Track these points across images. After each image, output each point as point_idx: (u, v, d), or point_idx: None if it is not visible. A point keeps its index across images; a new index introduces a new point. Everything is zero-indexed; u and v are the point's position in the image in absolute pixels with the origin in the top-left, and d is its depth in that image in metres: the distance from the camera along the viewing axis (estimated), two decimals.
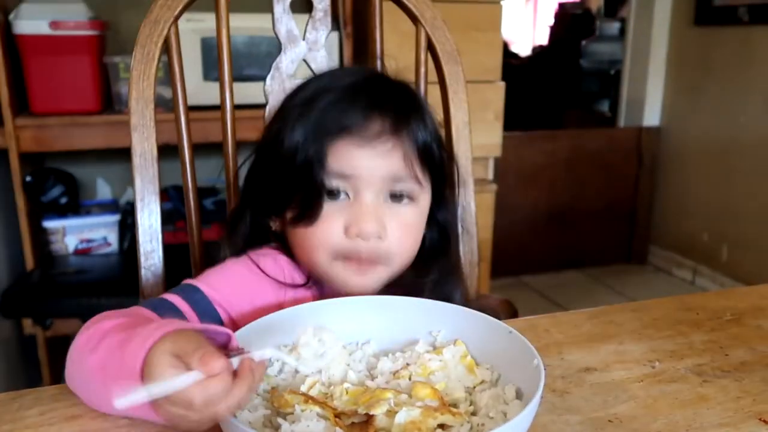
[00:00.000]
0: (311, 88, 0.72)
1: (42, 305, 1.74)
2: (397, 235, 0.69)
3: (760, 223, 2.62)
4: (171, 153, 0.92)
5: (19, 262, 1.88)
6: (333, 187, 0.68)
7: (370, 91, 0.70)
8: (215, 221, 1.90)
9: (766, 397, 0.59)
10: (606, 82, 4.05)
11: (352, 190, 0.68)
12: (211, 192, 2.14)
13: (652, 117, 3.12)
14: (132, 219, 1.90)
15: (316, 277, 0.72)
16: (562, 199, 3.05)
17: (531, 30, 6.77)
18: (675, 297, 0.81)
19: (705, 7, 2.79)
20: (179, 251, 0.97)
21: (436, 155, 0.72)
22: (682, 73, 2.99)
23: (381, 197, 0.69)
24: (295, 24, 0.90)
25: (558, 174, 3.02)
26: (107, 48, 1.89)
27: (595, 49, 4.40)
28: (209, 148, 1.50)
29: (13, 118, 1.70)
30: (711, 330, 0.72)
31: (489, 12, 2.06)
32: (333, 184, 0.68)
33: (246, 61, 1.85)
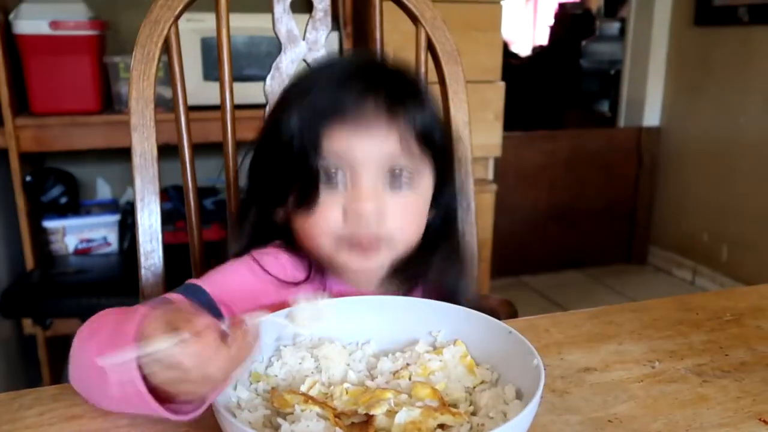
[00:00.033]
0: (308, 75, 0.72)
1: (42, 305, 1.74)
2: (397, 219, 0.68)
3: (760, 223, 2.62)
4: (171, 153, 0.92)
5: (19, 262, 1.88)
6: (330, 172, 0.67)
7: (364, 75, 0.69)
8: (215, 221, 1.91)
9: (766, 397, 0.59)
10: (606, 82, 4.05)
11: (349, 174, 0.67)
12: (211, 192, 2.14)
13: (652, 117, 3.12)
14: (132, 219, 1.90)
15: (321, 266, 0.72)
16: (562, 199, 3.05)
17: (531, 30, 6.77)
18: (675, 297, 0.81)
19: (705, 7, 2.79)
20: (179, 251, 0.97)
21: (437, 138, 0.71)
22: (682, 73, 2.99)
23: (379, 181, 0.68)
24: (295, 24, 0.90)
25: (558, 174, 3.02)
26: (107, 48, 1.89)
27: (595, 49, 4.40)
28: (209, 148, 1.50)
29: (13, 118, 1.70)
30: (711, 330, 0.72)
31: (489, 12, 2.06)
32: (329, 169, 0.67)
33: (246, 61, 1.85)
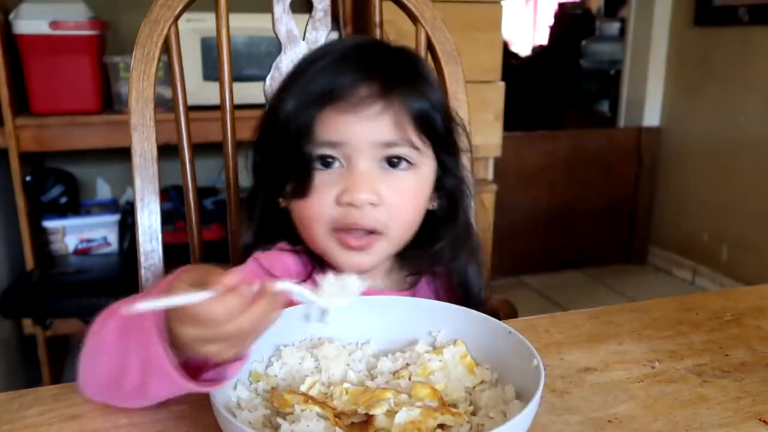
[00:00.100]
0: (307, 59, 0.71)
1: (42, 305, 1.74)
2: (393, 202, 0.67)
3: (760, 223, 2.62)
4: (171, 153, 0.92)
5: (19, 262, 1.88)
6: (324, 156, 0.67)
7: (360, 58, 0.68)
8: (215, 221, 1.90)
9: (766, 397, 0.59)
10: (606, 82, 4.05)
11: (343, 158, 0.67)
12: (211, 192, 2.14)
13: (652, 117, 3.12)
14: (132, 219, 1.90)
15: (324, 262, 0.71)
16: (562, 199, 3.05)
17: (531, 30, 6.77)
18: (675, 297, 0.81)
19: (705, 8, 2.79)
20: (179, 251, 0.96)
21: (438, 121, 0.69)
22: (682, 73, 2.99)
23: (375, 164, 0.67)
24: (295, 24, 0.90)
25: (558, 174, 3.02)
26: (107, 48, 1.89)
27: (595, 49, 4.40)
28: (209, 148, 1.50)
29: (13, 118, 1.70)
30: (711, 330, 0.72)
31: (489, 12, 2.06)
32: (323, 153, 0.66)
33: (246, 61, 1.85)
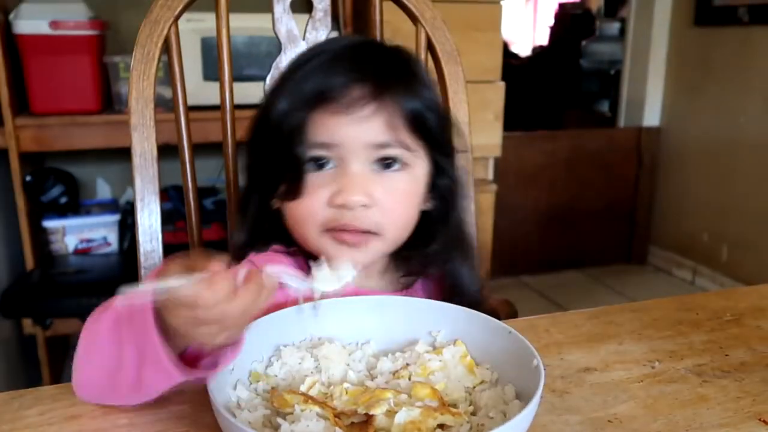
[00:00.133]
0: (300, 59, 0.70)
1: (42, 305, 1.74)
2: (387, 203, 0.67)
3: (760, 223, 2.62)
4: (171, 153, 0.92)
5: (19, 262, 1.88)
6: (316, 157, 0.66)
7: (353, 58, 0.68)
8: (215, 221, 1.91)
9: (766, 397, 0.59)
10: (606, 82, 4.05)
11: (336, 159, 0.67)
12: (211, 192, 2.14)
13: (652, 117, 3.12)
14: (132, 219, 1.90)
15: (315, 260, 0.71)
16: (562, 199, 3.05)
17: (531, 30, 6.77)
18: (675, 297, 0.81)
19: (705, 8, 2.79)
20: (179, 251, 0.96)
21: (431, 121, 0.69)
22: (682, 73, 2.99)
23: (367, 165, 0.67)
24: (295, 24, 0.90)
25: (558, 174, 3.02)
26: (107, 48, 1.89)
27: (595, 49, 4.40)
28: (209, 148, 1.50)
29: (13, 118, 1.70)
30: (711, 330, 0.72)
31: (489, 12, 2.06)
32: (315, 154, 0.66)
33: (246, 61, 1.85)
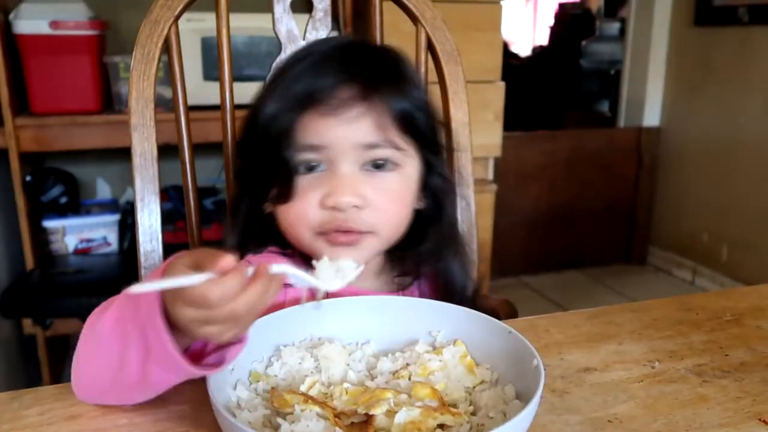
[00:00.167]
0: (287, 62, 0.70)
1: (42, 305, 1.74)
2: (380, 204, 0.67)
3: (760, 223, 2.62)
4: (171, 153, 0.92)
5: (19, 262, 1.88)
6: (306, 160, 0.66)
7: (341, 59, 0.68)
8: (215, 221, 1.90)
9: (766, 397, 0.59)
10: (606, 82, 4.05)
11: (326, 161, 0.66)
12: (211, 192, 2.14)
13: (652, 117, 3.12)
14: (132, 219, 1.90)
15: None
16: (562, 199, 3.05)
17: (531, 30, 6.77)
18: (675, 297, 0.81)
19: (705, 8, 2.79)
20: (179, 251, 0.97)
21: (420, 121, 0.69)
22: (682, 73, 2.99)
23: (358, 166, 0.67)
24: (295, 24, 0.90)
25: (558, 174, 3.02)
26: (107, 48, 1.89)
27: (595, 49, 4.40)
28: (209, 148, 1.50)
29: (13, 118, 1.70)
30: (711, 330, 0.72)
31: (489, 12, 2.06)
32: (305, 157, 0.66)
33: (246, 61, 1.85)
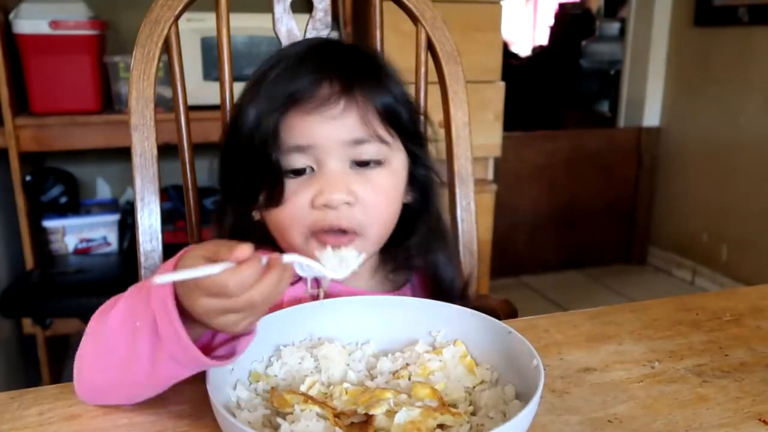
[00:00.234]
0: (263, 67, 0.70)
1: (42, 305, 1.74)
2: (369, 200, 0.67)
3: (760, 223, 2.62)
4: (171, 153, 0.92)
5: (18, 262, 1.88)
6: (293, 162, 0.66)
7: (316, 58, 0.68)
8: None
9: (766, 397, 0.59)
10: (606, 82, 4.05)
11: (314, 161, 0.66)
12: (211, 192, 2.14)
13: (652, 117, 3.12)
14: (132, 219, 1.90)
15: None
16: (562, 199, 3.05)
17: (531, 30, 6.77)
18: (674, 297, 0.81)
19: (705, 8, 2.79)
20: (179, 251, 0.97)
21: (403, 114, 0.69)
22: (682, 73, 2.99)
23: (346, 163, 0.66)
24: (295, 24, 0.90)
25: (558, 174, 3.02)
26: (107, 48, 1.89)
27: (595, 49, 4.40)
28: (209, 148, 1.50)
29: (13, 117, 1.70)
30: (710, 330, 0.72)
31: (489, 12, 2.06)
32: (292, 158, 0.66)
33: (246, 61, 1.84)
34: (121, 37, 1.94)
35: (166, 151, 0.90)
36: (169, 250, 0.86)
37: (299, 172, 0.67)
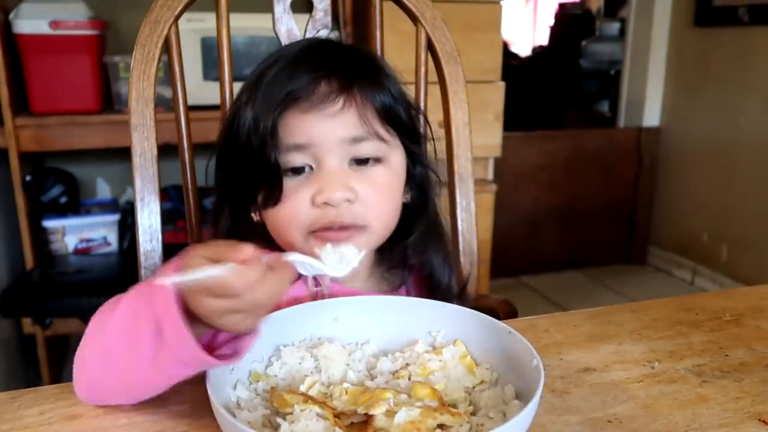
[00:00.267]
0: (259, 68, 0.70)
1: (41, 305, 1.74)
2: (370, 198, 0.67)
3: (760, 223, 2.62)
4: (171, 153, 0.92)
5: (18, 262, 1.88)
6: (292, 161, 0.66)
7: (314, 56, 0.68)
8: None
9: (766, 397, 0.59)
10: (606, 82, 4.05)
11: (313, 159, 0.66)
12: (211, 191, 2.14)
13: (651, 117, 3.12)
14: (132, 219, 1.90)
15: None
16: (562, 199, 3.05)
17: (531, 30, 6.77)
18: (674, 297, 0.81)
19: (705, 8, 2.79)
20: (179, 251, 0.96)
21: (402, 113, 0.69)
22: (682, 73, 2.99)
23: (345, 161, 0.66)
24: (295, 24, 0.90)
25: (558, 174, 3.02)
26: (107, 48, 1.89)
27: (595, 49, 4.40)
28: (209, 148, 1.50)
29: (13, 117, 1.70)
30: (710, 330, 0.72)
31: (489, 12, 2.07)
32: (291, 157, 0.66)
33: (246, 61, 1.84)
34: (121, 37, 1.94)
35: (166, 151, 0.90)
36: (169, 250, 0.86)
37: (298, 171, 0.67)
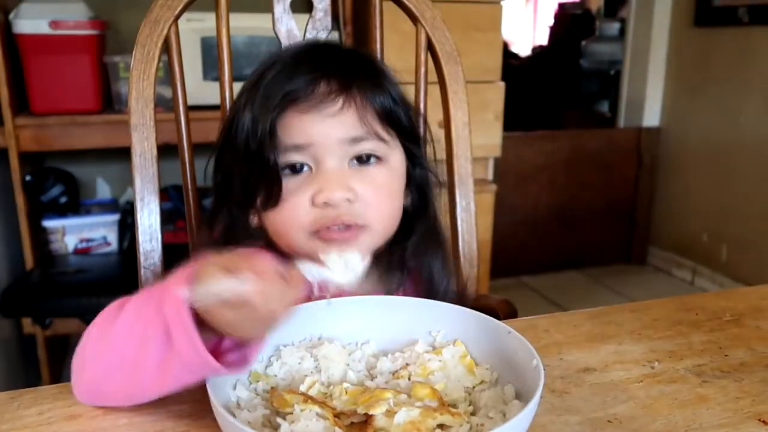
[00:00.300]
0: (259, 69, 0.70)
1: (41, 305, 1.74)
2: (370, 198, 0.67)
3: (760, 223, 2.62)
4: (171, 153, 0.92)
5: (18, 262, 1.88)
6: (291, 161, 0.66)
7: (314, 57, 0.68)
8: None
9: (766, 397, 0.59)
10: (606, 82, 4.05)
11: (312, 160, 0.66)
12: (211, 192, 2.14)
13: (651, 117, 3.12)
14: (132, 218, 1.90)
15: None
16: (562, 199, 3.05)
17: (531, 30, 6.77)
18: (674, 297, 0.81)
19: (705, 8, 2.80)
20: (179, 251, 0.96)
21: (401, 114, 0.69)
22: (682, 73, 2.99)
23: (345, 162, 0.66)
24: (295, 24, 0.90)
25: (558, 174, 3.02)
26: (107, 48, 1.89)
27: (595, 50, 4.40)
28: (209, 148, 1.50)
29: (12, 117, 1.70)
30: (710, 330, 0.72)
31: (489, 12, 2.07)
32: (290, 158, 0.66)
33: (246, 61, 1.84)
34: (121, 37, 1.94)
35: (166, 151, 0.90)
36: (169, 250, 0.86)
37: (298, 172, 0.67)
